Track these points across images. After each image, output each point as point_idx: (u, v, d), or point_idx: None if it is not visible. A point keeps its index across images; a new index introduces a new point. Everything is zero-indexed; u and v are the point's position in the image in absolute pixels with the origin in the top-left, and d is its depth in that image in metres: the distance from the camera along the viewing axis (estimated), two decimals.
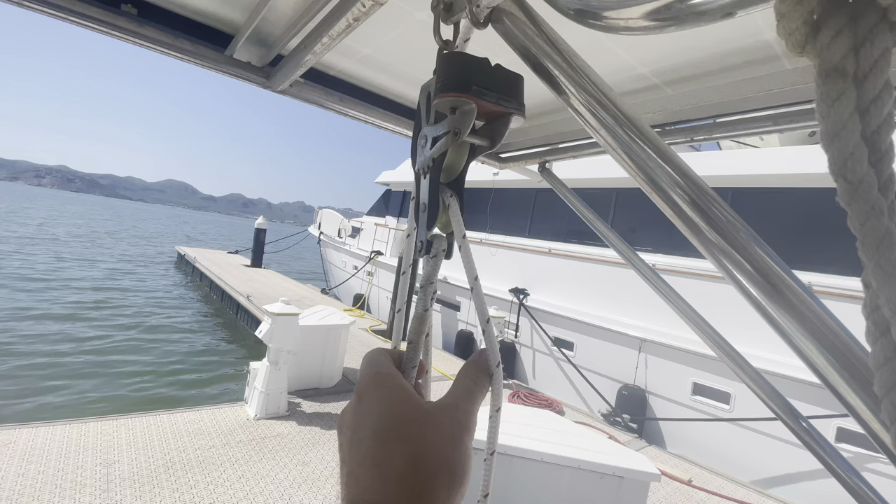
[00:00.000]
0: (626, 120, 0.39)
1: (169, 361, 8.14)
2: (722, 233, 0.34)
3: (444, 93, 0.44)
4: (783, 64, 0.76)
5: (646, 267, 1.13)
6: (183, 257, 18.58)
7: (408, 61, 1.00)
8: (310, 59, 0.82)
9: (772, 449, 5.08)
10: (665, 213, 0.39)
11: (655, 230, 6.91)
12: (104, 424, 3.96)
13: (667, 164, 0.37)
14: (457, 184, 0.48)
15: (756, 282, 0.33)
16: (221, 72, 0.94)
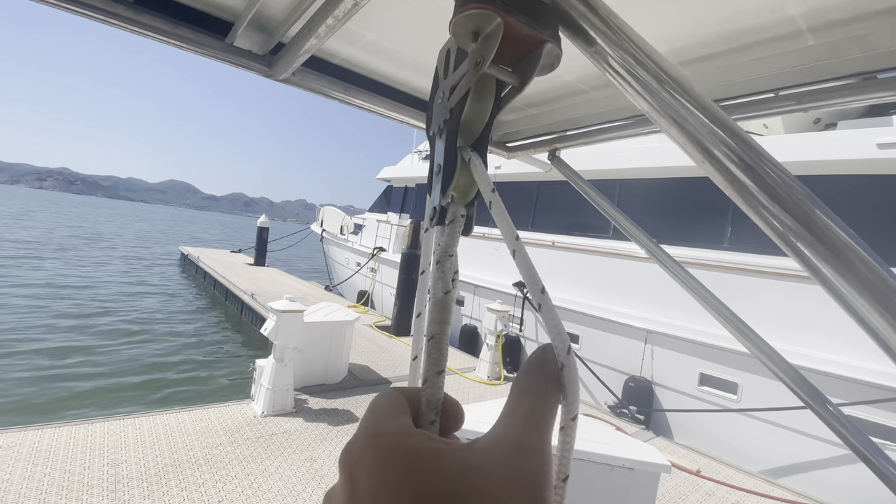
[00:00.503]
0: (670, 80, 0.34)
1: (175, 360, 8.17)
2: (788, 206, 0.31)
3: (465, 6, 0.37)
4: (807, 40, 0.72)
5: (664, 255, 1.10)
6: (186, 257, 18.62)
7: (414, 46, 0.97)
8: (313, 44, 0.79)
9: (780, 438, 5.06)
10: (718, 184, 0.35)
11: (660, 221, 6.85)
12: (111, 425, 3.96)
13: (720, 129, 0.33)
14: (479, 144, 0.41)
15: (816, 248, 0.30)
16: (222, 60, 0.92)
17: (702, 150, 0.33)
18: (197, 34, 0.88)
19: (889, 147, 4.76)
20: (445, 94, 0.41)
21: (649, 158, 7.05)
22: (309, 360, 5.26)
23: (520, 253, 0.34)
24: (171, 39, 0.84)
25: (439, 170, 0.40)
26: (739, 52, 0.79)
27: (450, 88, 0.40)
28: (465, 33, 0.39)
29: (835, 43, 0.67)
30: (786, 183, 0.31)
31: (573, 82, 1.03)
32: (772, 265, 5.53)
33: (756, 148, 0.32)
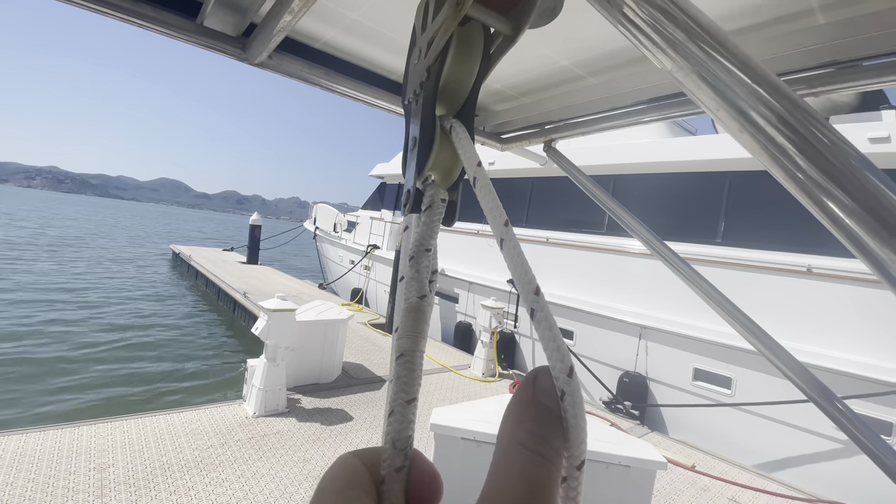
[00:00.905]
0: (702, 32, 0.27)
1: (165, 361, 8.06)
2: (858, 194, 0.25)
3: None
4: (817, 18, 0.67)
5: (667, 250, 1.05)
6: (178, 255, 18.41)
7: (401, 29, 0.90)
8: (287, 21, 0.73)
9: (774, 432, 5.07)
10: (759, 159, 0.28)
11: (654, 216, 6.84)
12: (98, 428, 3.88)
13: (767, 93, 0.26)
14: (464, 114, 0.33)
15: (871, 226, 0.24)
16: (192, 42, 0.85)
17: (740, 115, 0.27)
18: (162, 13, 0.81)
19: (880, 142, 4.76)
20: (422, 51, 0.33)
21: (644, 153, 7.03)
22: (302, 360, 5.19)
23: (509, 242, 0.27)
24: (133, 18, 0.77)
25: (414, 144, 0.32)
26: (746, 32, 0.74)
27: (427, 43, 0.32)
28: None
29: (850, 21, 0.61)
30: (852, 165, 0.24)
31: (570, 68, 0.97)
32: (765, 260, 5.53)
33: (815, 117, 0.25)
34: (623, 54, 0.89)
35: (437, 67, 0.32)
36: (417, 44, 0.35)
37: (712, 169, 6.29)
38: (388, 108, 1.11)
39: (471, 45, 0.33)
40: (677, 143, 6.73)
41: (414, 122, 0.33)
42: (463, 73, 0.33)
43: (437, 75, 0.32)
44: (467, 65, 0.33)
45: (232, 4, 0.82)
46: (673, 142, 6.82)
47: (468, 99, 0.34)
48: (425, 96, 0.32)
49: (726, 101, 0.27)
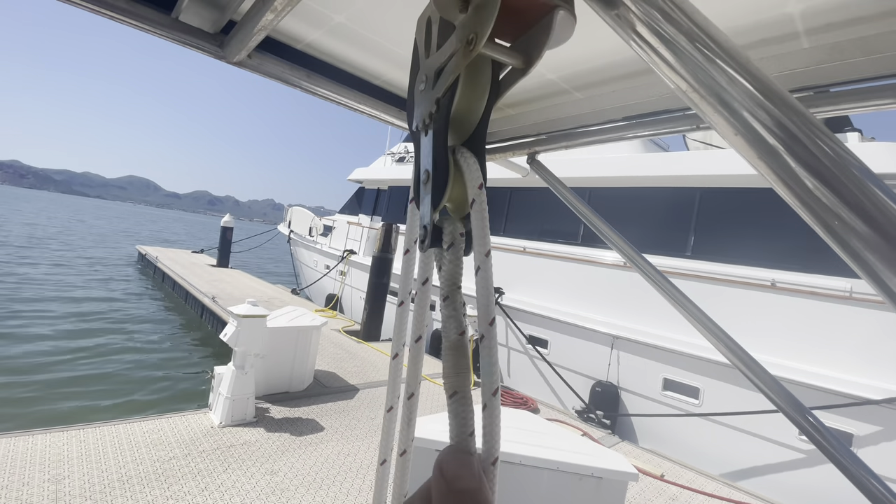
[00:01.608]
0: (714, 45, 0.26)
1: (126, 367, 7.69)
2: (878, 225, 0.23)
3: None
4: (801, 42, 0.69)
5: (644, 262, 1.06)
6: (144, 256, 17.72)
7: (390, 35, 0.88)
8: (270, 20, 0.70)
9: (739, 442, 5.23)
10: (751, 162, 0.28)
11: (629, 228, 7.00)
12: (53, 437, 3.66)
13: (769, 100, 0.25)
14: (474, 142, 0.33)
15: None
16: (167, 37, 0.81)
17: (760, 144, 0.26)
18: (136, 6, 0.76)
19: None
20: (430, 78, 0.33)
21: (618, 167, 7.21)
22: (272, 367, 5.04)
23: (484, 272, 0.30)
24: (105, 10, 0.73)
25: (427, 177, 0.32)
26: None
27: (434, 72, 0.32)
28: (450, 3, 0.30)
29: (835, 46, 0.63)
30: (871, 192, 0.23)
31: (556, 81, 0.98)
32: (732, 273, 5.73)
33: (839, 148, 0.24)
34: (609, 70, 0.89)
35: (447, 100, 0.32)
36: (422, 68, 0.34)
37: (683, 185, 6.50)
38: (372, 114, 1.08)
39: (480, 76, 0.33)
40: (651, 159, 6.94)
41: (425, 153, 0.33)
42: (473, 104, 0.33)
43: (448, 108, 0.32)
44: (477, 95, 0.33)
45: (212, 0, 0.78)
46: (646, 157, 7.03)
47: (478, 126, 0.34)
48: (436, 129, 0.32)
49: (748, 128, 0.26)
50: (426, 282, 0.31)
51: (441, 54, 0.32)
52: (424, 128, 0.33)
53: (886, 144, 5.02)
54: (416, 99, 0.35)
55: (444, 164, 0.32)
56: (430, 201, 0.32)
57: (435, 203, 0.32)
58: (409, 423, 0.35)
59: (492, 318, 0.29)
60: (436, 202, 0.32)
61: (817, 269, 5.11)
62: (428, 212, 0.32)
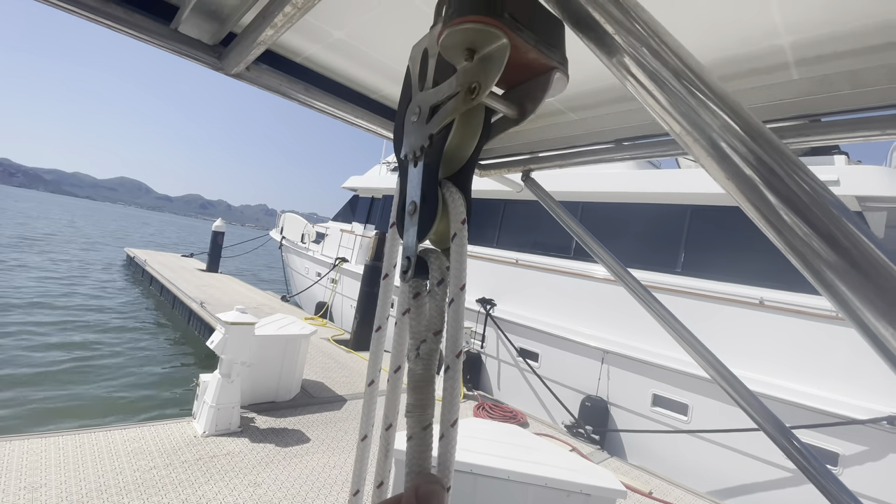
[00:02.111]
0: (707, 89, 0.27)
1: (109, 372, 7.53)
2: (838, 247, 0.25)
3: (465, 17, 0.29)
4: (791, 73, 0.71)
5: (632, 279, 1.07)
6: (132, 259, 17.48)
7: (387, 51, 0.89)
8: (269, 35, 0.70)
9: (727, 460, 5.23)
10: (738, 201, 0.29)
11: (620, 243, 7.06)
12: (31, 443, 3.57)
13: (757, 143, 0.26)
14: (462, 177, 0.33)
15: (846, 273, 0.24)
16: (165, 48, 0.81)
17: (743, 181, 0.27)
18: (134, 15, 0.76)
19: (830, 185, 5.13)
20: (423, 112, 0.33)
21: (611, 183, 7.29)
22: (259, 376, 4.97)
23: (457, 305, 0.30)
24: (103, 19, 0.73)
25: (415, 209, 0.32)
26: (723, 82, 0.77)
27: (429, 108, 0.33)
28: (456, 49, 0.31)
29: (825, 78, 0.65)
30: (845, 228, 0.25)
31: (551, 102, 0.99)
32: (720, 290, 5.79)
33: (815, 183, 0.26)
34: (604, 94, 0.91)
35: (441, 137, 0.32)
36: (415, 99, 0.34)
37: (674, 202, 6.59)
38: (368, 128, 1.09)
39: (474, 119, 0.34)
40: (643, 175, 7.03)
41: (413, 184, 0.33)
42: (464, 143, 0.34)
43: (441, 144, 0.32)
44: (469, 136, 0.34)
45: (211, 13, 0.78)
46: (639, 174, 7.12)
47: (467, 163, 0.34)
48: (427, 163, 0.32)
49: (731, 166, 0.27)
50: (406, 312, 0.31)
51: (438, 92, 0.32)
52: (414, 159, 0.33)
53: (872, 167, 5.14)
54: (407, 128, 0.35)
55: (434, 200, 0.32)
56: (416, 233, 0.32)
57: (421, 235, 0.32)
58: (387, 455, 0.34)
59: (459, 350, 0.29)
60: (421, 235, 0.32)
61: (806, 289, 5.18)
62: (413, 243, 0.32)
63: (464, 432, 3.12)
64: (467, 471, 2.66)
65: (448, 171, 0.34)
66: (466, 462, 2.66)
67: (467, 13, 0.29)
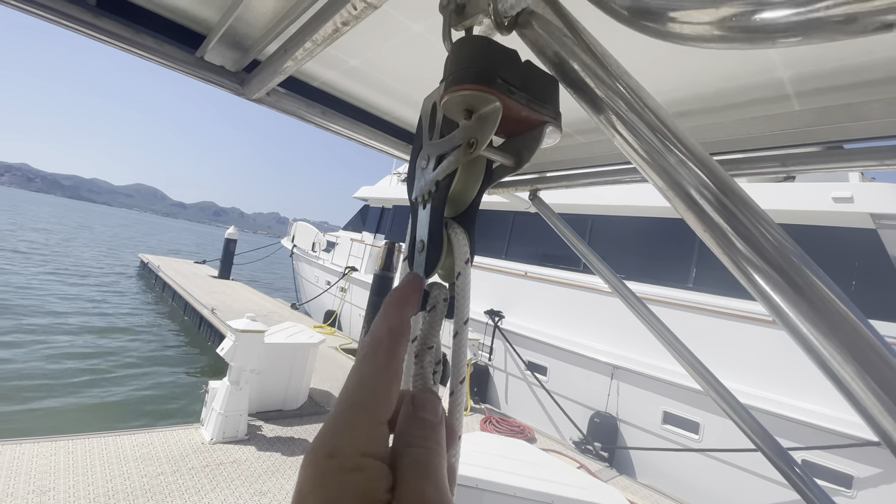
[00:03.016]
0: (682, 146, 0.31)
1: (119, 377, 7.63)
2: (776, 266, 0.28)
3: (460, 85, 0.34)
4: (792, 105, 0.73)
5: (632, 296, 1.08)
6: (146, 265, 17.77)
7: (399, 77, 0.93)
8: (290, 66, 0.74)
9: (740, 480, 5.11)
10: (712, 248, 0.32)
11: (631, 258, 7.02)
12: (41, 447, 3.62)
13: (727, 197, 0.30)
14: (467, 217, 0.37)
15: (806, 313, 0.26)
16: (191, 75, 0.85)
17: (697, 211, 0.30)
18: (163, 45, 0.81)
19: (844, 201, 5.07)
20: (431, 160, 0.37)
21: (622, 196, 7.27)
22: (267, 384, 5.00)
23: (461, 336, 0.33)
24: (133, 48, 0.77)
25: (423, 247, 0.36)
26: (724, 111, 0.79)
27: (437, 157, 0.37)
28: (456, 109, 0.36)
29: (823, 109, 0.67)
30: (780, 245, 0.27)
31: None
32: (734, 307, 5.71)
33: (754, 209, 0.29)
34: None
35: (446, 184, 0.36)
36: (425, 148, 0.39)
37: None
38: (381, 149, 1.12)
39: (476, 167, 0.38)
40: (655, 190, 7.00)
41: (422, 225, 0.37)
42: (468, 188, 0.38)
43: (446, 190, 0.36)
44: (472, 182, 0.38)
45: (235, 42, 0.83)
46: (650, 187, 7.09)
47: (471, 205, 0.38)
48: (434, 206, 0.36)
49: (686, 197, 0.30)
50: (413, 340, 0.34)
51: (444, 143, 0.37)
52: (423, 202, 0.37)
53: (886, 185, 5.07)
54: (417, 174, 0.39)
55: (439, 240, 0.35)
56: (424, 269, 0.35)
57: (428, 272, 0.35)
58: None
59: (462, 377, 0.32)
60: (429, 271, 0.35)
61: None
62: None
63: (470, 447, 3.10)
64: (473, 486, 2.64)
65: (454, 213, 0.38)
66: (472, 477, 2.65)
67: (465, 83, 0.34)
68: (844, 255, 5.12)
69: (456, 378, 0.33)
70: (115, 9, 0.77)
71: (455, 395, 0.32)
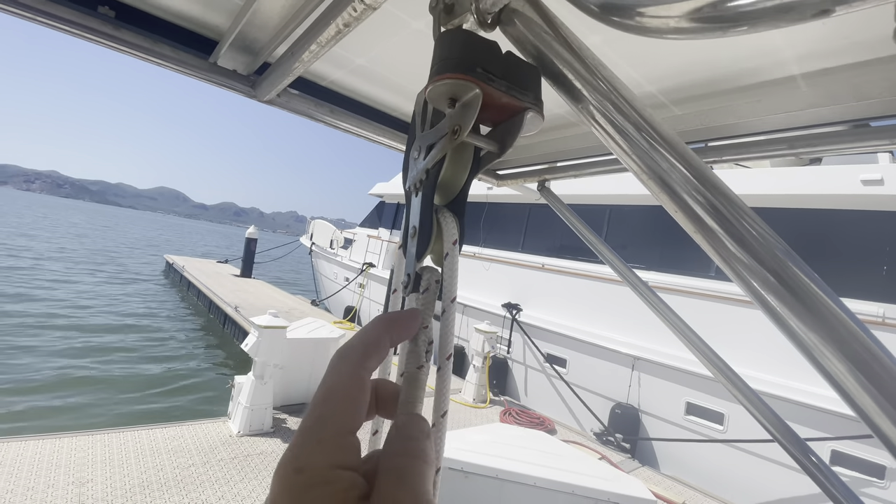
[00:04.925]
0: (656, 135, 0.32)
1: (149, 374, 7.93)
2: (754, 252, 0.29)
3: (441, 74, 0.36)
4: (799, 86, 0.72)
5: (643, 285, 1.08)
6: (171, 266, 18.30)
7: (403, 72, 0.95)
8: (298, 68, 0.77)
9: (767, 471, 5.01)
10: (693, 236, 0.33)
11: (649, 247, 6.90)
12: (79, 440, 3.80)
13: (702, 184, 0.31)
14: (456, 204, 0.40)
15: (791, 305, 0.27)
16: (205, 80, 0.89)
17: (678, 201, 0.32)
18: (179, 52, 0.85)
19: (873, 184, 4.88)
20: (422, 151, 0.40)
21: (640, 185, 7.13)
22: (290, 378, 5.13)
23: (449, 315, 0.35)
24: (151, 57, 0.82)
25: (415, 232, 0.38)
26: (730, 94, 0.79)
27: (427, 147, 0.39)
28: (441, 99, 0.38)
29: (829, 90, 0.66)
30: (761, 235, 0.29)
31: (563, 115, 1.02)
32: None
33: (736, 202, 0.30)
34: None
35: (435, 171, 0.38)
36: (417, 139, 0.41)
37: None
38: (389, 145, 1.15)
39: (463, 155, 0.40)
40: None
41: (414, 212, 0.39)
42: (456, 176, 0.40)
43: (435, 177, 0.38)
44: (459, 169, 0.40)
45: (245, 47, 0.86)
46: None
47: (460, 192, 0.40)
48: (424, 194, 0.38)
49: (673, 192, 0.31)
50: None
51: (433, 133, 0.39)
52: (415, 190, 0.40)
53: None
54: (410, 165, 0.42)
55: (429, 225, 0.37)
56: (416, 254, 0.38)
57: (419, 255, 0.38)
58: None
59: (449, 354, 0.34)
60: (419, 254, 0.38)
61: (852, 294, 4.93)
62: (412, 262, 0.38)
63: (490, 437, 3.13)
64: (493, 476, 2.67)
65: (444, 200, 0.40)
66: (492, 467, 2.67)
67: (446, 72, 0.36)
68: (874, 240, 4.93)
69: (443, 354, 0.35)
70: (134, 20, 0.81)
71: (442, 371, 0.34)
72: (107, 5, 0.79)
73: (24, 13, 0.74)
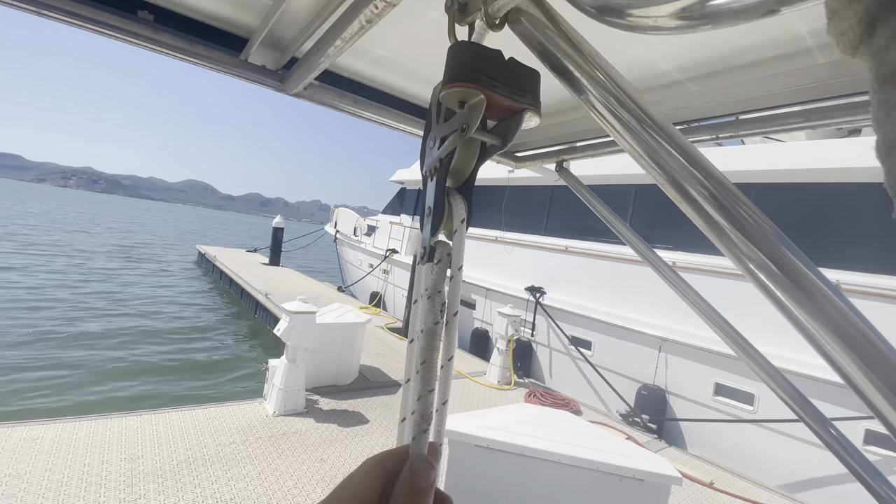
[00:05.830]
0: (649, 120, 0.36)
1: (190, 358, 8.34)
2: (746, 233, 0.32)
3: (452, 83, 0.42)
4: (815, 58, 0.72)
5: (664, 265, 1.10)
6: (203, 256, 18.97)
7: (422, 61, 0.99)
8: (324, 62, 0.82)
9: (797, 451, 4.93)
10: (687, 214, 0.37)
11: (676, 227, 6.75)
12: (128, 420, 4.06)
13: (692, 166, 0.35)
14: (465, 188, 0.46)
15: (782, 284, 0.31)
16: (236, 76, 0.95)
17: (673, 184, 0.35)
18: (212, 51, 0.91)
19: None
20: (437, 141, 0.46)
21: None
22: (321, 361, 5.32)
23: (455, 280, 0.42)
24: (187, 56, 0.87)
25: (429, 212, 0.45)
26: (746, 69, 0.79)
27: (440, 139, 0.45)
28: (452, 101, 0.45)
29: (844, 61, 0.66)
30: (750, 216, 0.32)
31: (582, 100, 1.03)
32: None
33: (725, 184, 0.34)
34: (635, 83, 0.94)
35: (447, 160, 0.45)
36: (433, 131, 0.48)
37: (738, 181, 6.18)
38: (409, 131, 1.19)
39: (471, 147, 0.47)
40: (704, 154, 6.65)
41: (430, 194, 0.46)
42: (466, 163, 0.47)
43: (448, 165, 0.45)
44: (469, 158, 0.47)
45: (274, 43, 0.91)
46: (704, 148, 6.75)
47: (469, 177, 0.47)
48: (438, 179, 0.45)
49: (668, 175, 0.35)
50: (426, 288, 0.43)
51: (446, 127, 0.45)
52: (431, 175, 0.46)
53: None
54: (427, 153, 0.48)
55: (442, 205, 0.44)
56: (430, 230, 0.44)
57: (433, 231, 0.44)
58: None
59: (455, 311, 0.41)
60: (434, 230, 0.44)
61: (887, 269, 4.73)
62: (427, 237, 0.45)
63: (515, 416, 3.19)
64: (518, 453, 2.74)
65: (455, 184, 0.47)
66: (518, 444, 2.74)
67: (455, 81, 0.42)
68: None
69: (450, 311, 0.41)
70: (170, 22, 0.87)
71: (450, 325, 0.41)
72: (145, 10, 0.85)
73: (68, 19, 0.81)
